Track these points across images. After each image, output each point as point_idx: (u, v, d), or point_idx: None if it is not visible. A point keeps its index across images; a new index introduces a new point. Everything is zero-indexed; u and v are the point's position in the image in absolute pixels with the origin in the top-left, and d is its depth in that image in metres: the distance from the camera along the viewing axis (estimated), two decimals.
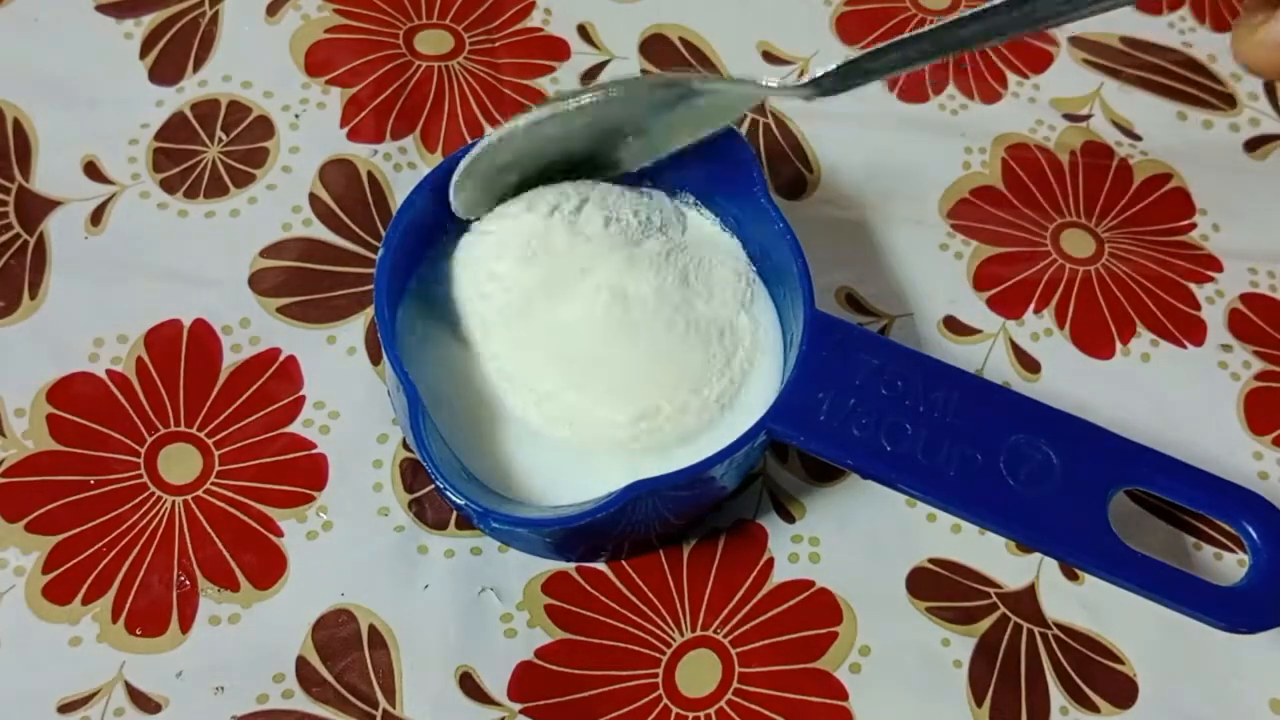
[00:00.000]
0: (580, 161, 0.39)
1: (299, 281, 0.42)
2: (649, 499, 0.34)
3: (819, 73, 0.34)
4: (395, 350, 0.36)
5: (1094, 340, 0.43)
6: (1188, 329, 0.44)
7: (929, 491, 0.34)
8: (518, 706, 0.36)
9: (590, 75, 0.48)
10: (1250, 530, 0.34)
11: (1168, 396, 0.42)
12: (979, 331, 0.43)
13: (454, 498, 0.34)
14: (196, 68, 0.46)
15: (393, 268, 0.37)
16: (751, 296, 0.39)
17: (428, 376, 0.38)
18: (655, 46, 0.49)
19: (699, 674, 0.37)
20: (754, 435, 0.35)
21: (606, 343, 0.37)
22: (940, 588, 0.39)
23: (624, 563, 0.38)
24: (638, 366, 0.37)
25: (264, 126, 0.45)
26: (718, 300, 0.39)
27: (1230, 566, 0.39)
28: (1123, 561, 0.33)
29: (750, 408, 0.37)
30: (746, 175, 0.39)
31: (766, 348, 0.39)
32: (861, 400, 0.35)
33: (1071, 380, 0.42)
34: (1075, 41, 0.51)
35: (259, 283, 0.42)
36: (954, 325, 0.43)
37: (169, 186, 0.43)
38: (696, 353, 0.37)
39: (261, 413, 0.39)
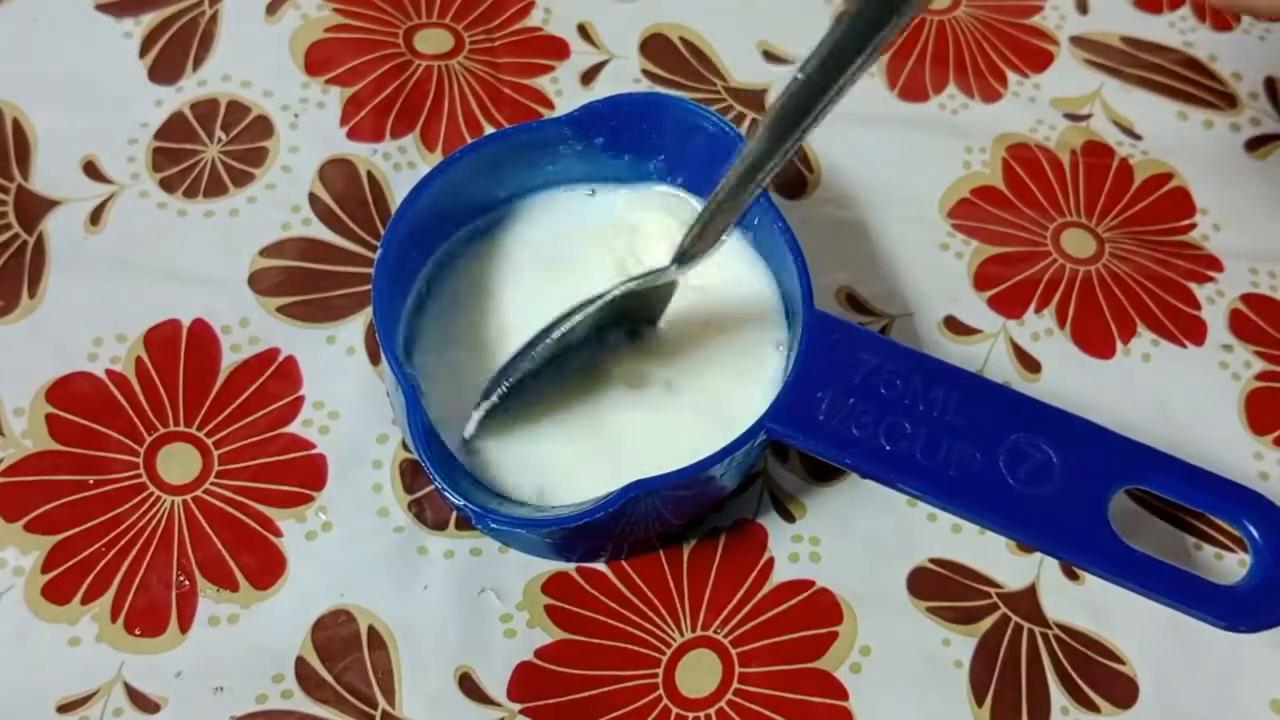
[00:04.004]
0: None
1: (298, 281, 0.42)
2: (648, 499, 0.34)
3: (681, 250, 0.35)
4: (394, 351, 0.36)
5: (1094, 340, 0.43)
6: (1188, 329, 0.44)
7: (929, 491, 0.34)
8: (517, 706, 0.36)
9: (590, 75, 0.48)
10: (1251, 529, 0.34)
11: (1168, 396, 0.42)
12: (979, 331, 0.43)
13: (453, 498, 0.34)
14: (196, 67, 0.46)
15: (392, 267, 0.37)
16: None
17: (426, 376, 0.38)
18: (655, 46, 0.49)
19: (699, 674, 0.37)
20: (753, 435, 0.35)
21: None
22: (941, 588, 0.39)
23: (624, 563, 0.38)
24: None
25: (263, 126, 0.45)
26: None
27: (1231, 566, 0.39)
28: (1123, 561, 0.33)
29: (750, 407, 0.37)
30: None
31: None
32: (861, 399, 0.35)
33: (1072, 380, 0.42)
34: (1076, 41, 0.51)
35: (258, 282, 0.42)
36: (954, 325, 0.43)
37: (168, 186, 0.43)
38: None
39: (261, 413, 0.39)
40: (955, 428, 0.34)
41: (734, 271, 0.40)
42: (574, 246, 0.41)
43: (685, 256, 0.35)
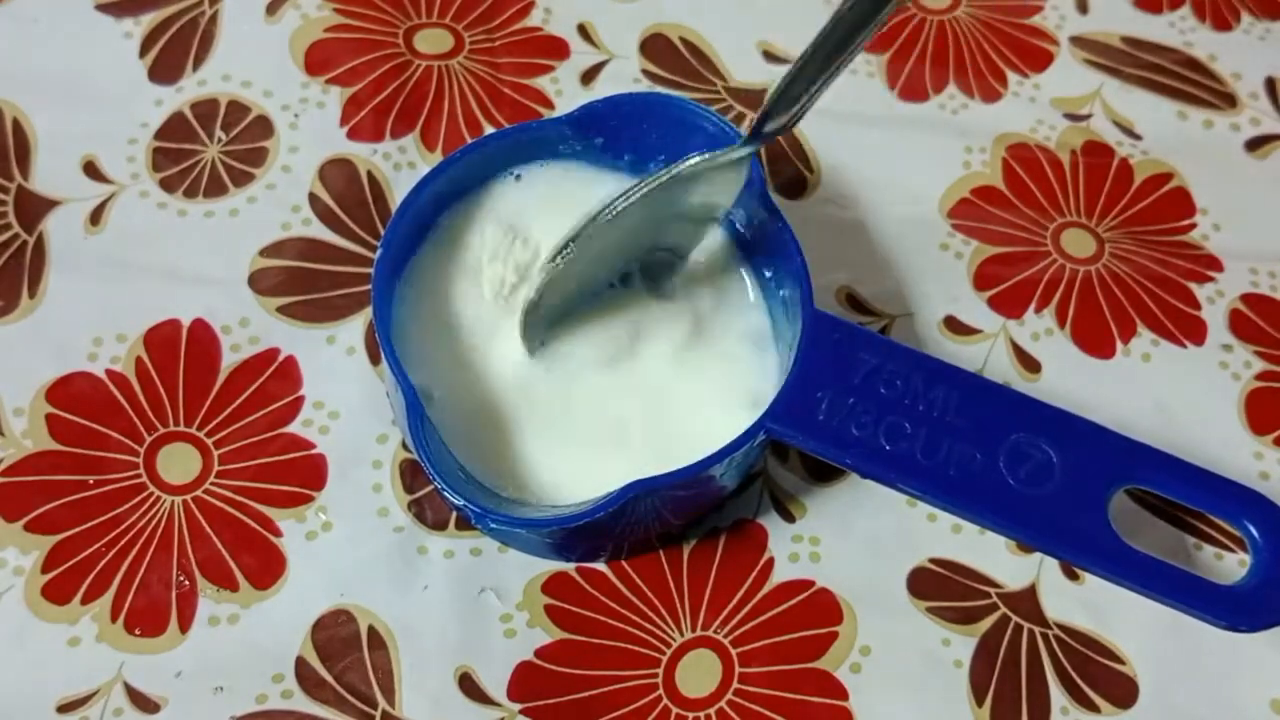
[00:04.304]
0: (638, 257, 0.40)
1: (298, 281, 0.42)
2: (648, 499, 0.34)
3: (761, 128, 0.35)
4: (394, 351, 0.36)
5: (1094, 340, 0.43)
6: (1188, 329, 0.44)
7: (928, 491, 0.34)
8: (517, 706, 0.36)
9: (590, 75, 0.48)
10: (1251, 529, 0.34)
11: (1168, 396, 0.42)
12: (979, 331, 0.43)
13: (452, 498, 0.34)
14: (196, 67, 0.46)
15: (391, 267, 0.37)
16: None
17: (426, 376, 0.38)
18: (655, 46, 0.49)
19: (699, 674, 0.37)
20: (753, 435, 0.35)
21: None
22: (941, 588, 0.39)
23: (624, 563, 0.38)
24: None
25: (263, 126, 0.45)
26: None
27: (1231, 566, 0.39)
28: (1123, 560, 0.33)
29: (749, 407, 0.37)
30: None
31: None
32: (861, 399, 0.35)
33: (1072, 380, 0.42)
34: (1076, 41, 0.51)
35: (258, 282, 0.42)
36: (954, 325, 0.43)
37: (168, 186, 0.43)
38: None
39: (261, 413, 0.39)
40: (955, 428, 0.34)
41: (721, 274, 0.40)
42: (485, 240, 0.40)
43: (760, 131, 0.34)
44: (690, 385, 0.38)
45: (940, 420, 0.34)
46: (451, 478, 0.34)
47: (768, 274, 0.40)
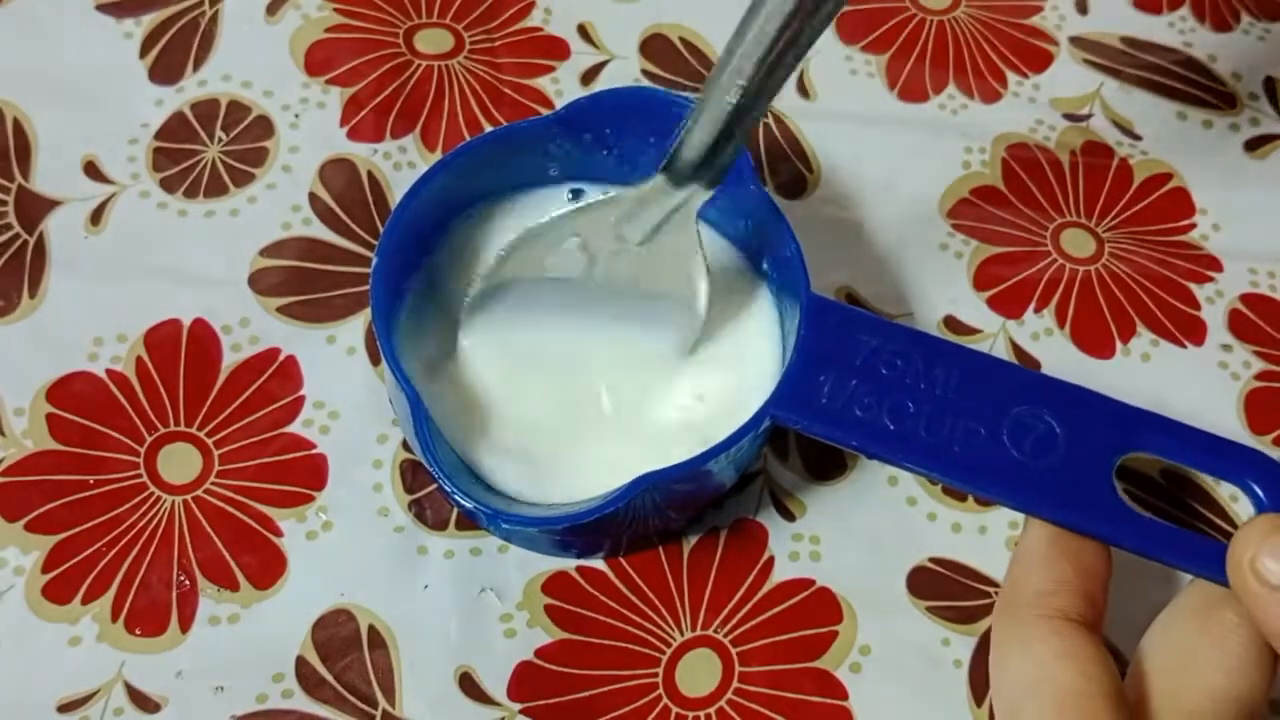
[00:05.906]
0: None
1: (299, 281, 0.42)
2: (652, 492, 0.34)
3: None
4: (396, 359, 0.36)
5: (1094, 340, 0.43)
6: (1188, 329, 0.44)
7: (935, 468, 0.34)
8: (517, 706, 0.36)
9: (590, 75, 0.48)
10: (1255, 488, 0.33)
11: (1168, 396, 0.42)
12: (979, 331, 0.43)
13: (463, 502, 0.34)
14: (196, 67, 0.46)
15: (388, 271, 0.37)
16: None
17: (427, 376, 0.38)
18: (655, 46, 0.49)
19: (699, 673, 0.37)
20: (758, 422, 0.35)
21: None
22: (940, 587, 0.39)
23: (624, 562, 0.38)
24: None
25: (264, 126, 0.45)
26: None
27: None
28: (1132, 526, 0.33)
29: (752, 395, 0.37)
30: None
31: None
32: (863, 381, 0.35)
33: (1071, 380, 0.42)
34: (1075, 41, 0.51)
35: (259, 282, 0.42)
36: (954, 325, 0.43)
37: (169, 186, 0.43)
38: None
39: (261, 412, 0.39)
40: (958, 404, 0.34)
41: (718, 269, 0.40)
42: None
43: (707, 170, 0.36)
44: (693, 381, 0.38)
45: (943, 397, 0.34)
46: (461, 481, 0.35)
47: (764, 265, 0.40)
